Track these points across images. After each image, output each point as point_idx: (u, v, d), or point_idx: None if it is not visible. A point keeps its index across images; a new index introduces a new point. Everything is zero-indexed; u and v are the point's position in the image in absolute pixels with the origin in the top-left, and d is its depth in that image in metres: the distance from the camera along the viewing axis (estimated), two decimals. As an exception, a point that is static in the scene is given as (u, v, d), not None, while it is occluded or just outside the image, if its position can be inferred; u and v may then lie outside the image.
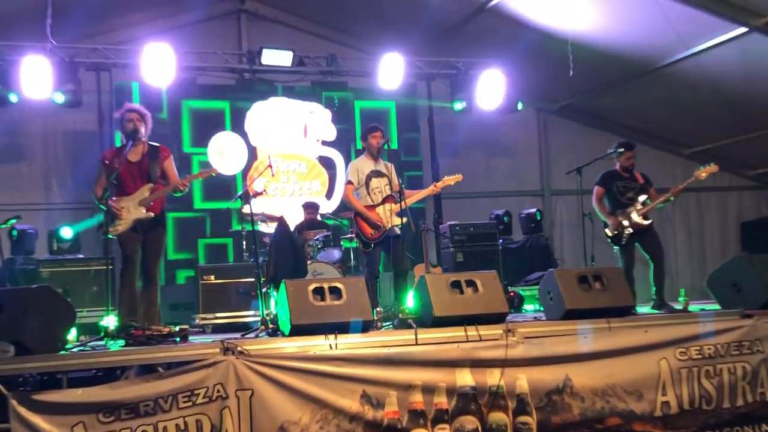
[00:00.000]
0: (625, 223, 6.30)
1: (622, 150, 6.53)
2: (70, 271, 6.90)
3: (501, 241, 8.48)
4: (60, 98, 7.76)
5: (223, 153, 8.79)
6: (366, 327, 4.35)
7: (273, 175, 6.33)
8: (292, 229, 6.74)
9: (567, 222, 10.51)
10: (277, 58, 8.48)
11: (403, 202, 5.69)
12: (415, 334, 4.33)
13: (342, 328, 4.24)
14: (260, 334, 4.81)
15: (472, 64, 9.09)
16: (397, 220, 5.86)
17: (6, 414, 3.57)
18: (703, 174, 6.37)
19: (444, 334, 4.38)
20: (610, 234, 6.37)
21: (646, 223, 6.29)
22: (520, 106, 9.13)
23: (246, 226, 6.91)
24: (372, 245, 5.92)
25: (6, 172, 8.59)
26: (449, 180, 6.27)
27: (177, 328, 4.83)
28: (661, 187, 6.75)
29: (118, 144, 5.53)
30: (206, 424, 3.82)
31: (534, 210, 9.39)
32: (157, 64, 7.78)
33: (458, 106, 9.15)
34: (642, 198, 6.34)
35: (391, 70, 8.50)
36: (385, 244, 5.86)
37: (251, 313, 6.76)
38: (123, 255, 5.27)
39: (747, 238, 10.92)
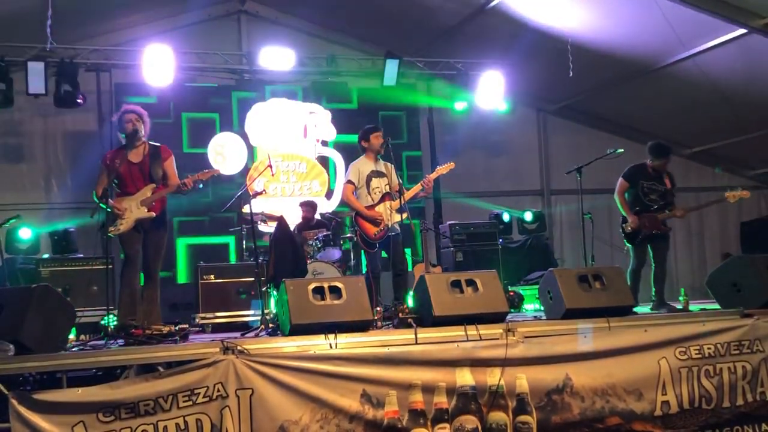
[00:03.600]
0: (647, 224, 6.20)
1: (622, 150, 6.51)
2: (70, 271, 6.90)
3: (501, 240, 8.49)
4: (81, 100, 7.82)
5: (223, 153, 8.80)
6: (366, 326, 4.36)
7: (273, 175, 6.34)
8: (291, 228, 6.74)
9: (567, 222, 10.52)
10: (277, 58, 8.48)
11: (402, 198, 5.70)
12: (415, 334, 4.32)
13: (342, 328, 4.24)
14: (260, 334, 4.81)
15: (472, 65, 9.10)
16: (396, 217, 5.86)
17: (6, 413, 3.57)
18: (733, 198, 6.29)
19: (444, 333, 4.37)
20: (628, 231, 6.26)
21: (664, 228, 6.25)
22: (506, 106, 9.09)
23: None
24: (376, 245, 5.92)
25: (6, 172, 8.60)
26: (442, 169, 6.25)
27: (177, 328, 4.83)
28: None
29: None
30: (206, 424, 3.81)
31: (527, 212, 9.47)
32: (157, 65, 7.80)
33: (460, 106, 9.13)
34: (667, 203, 6.27)
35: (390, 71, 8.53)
36: (386, 243, 5.87)
37: (251, 312, 6.76)
38: (124, 254, 5.28)
39: (747, 238, 10.92)
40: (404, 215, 5.82)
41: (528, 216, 9.54)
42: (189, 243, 8.69)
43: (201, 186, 5.35)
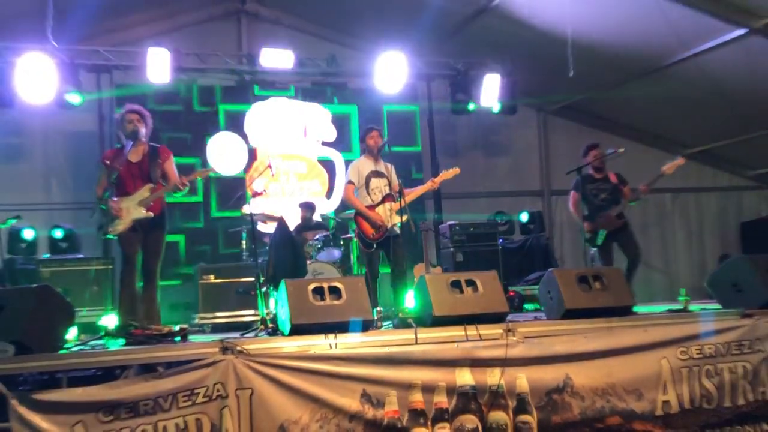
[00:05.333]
0: (601, 222, 6.47)
1: (622, 150, 6.60)
2: (70, 271, 6.91)
3: (501, 241, 8.49)
4: (76, 99, 7.78)
5: (223, 153, 8.79)
6: (366, 326, 4.35)
7: (273, 175, 6.33)
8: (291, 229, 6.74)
9: (567, 222, 10.51)
10: (277, 59, 8.49)
11: (402, 200, 5.70)
12: (415, 334, 4.32)
13: (342, 328, 4.23)
14: (260, 334, 4.81)
15: (472, 65, 9.09)
16: (396, 219, 5.87)
17: (6, 413, 3.57)
18: (670, 169, 6.44)
19: (444, 333, 4.37)
20: (587, 236, 6.54)
21: (620, 222, 6.48)
22: (497, 107, 9.05)
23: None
24: (374, 245, 5.92)
25: (6, 172, 8.59)
26: (447, 174, 6.28)
27: (177, 328, 4.82)
28: (660, 187, 6.79)
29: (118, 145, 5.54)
30: (206, 424, 3.81)
31: (522, 213, 9.49)
32: (157, 65, 7.80)
33: (471, 106, 9.10)
34: (616, 199, 6.57)
35: (391, 70, 8.52)
36: (386, 244, 5.87)
37: (251, 312, 6.76)
38: (123, 255, 5.28)
39: (747, 238, 10.92)
40: (404, 217, 5.83)
41: (524, 217, 9.54)
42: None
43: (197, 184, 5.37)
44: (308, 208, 7.93)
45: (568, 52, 8.06)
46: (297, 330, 4.24)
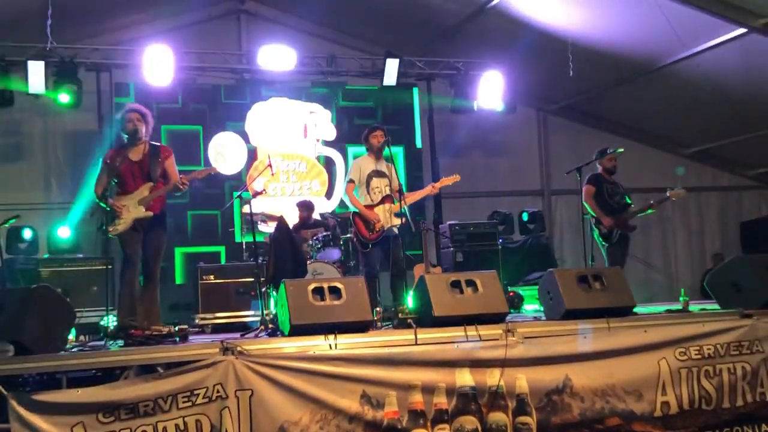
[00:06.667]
0: (617, 222, 6.59)
1: (621, 150, 6.65)
2: (70, 271, 6.90)
3: (501, 240, 8.48)
4: (66, 98, 7.76)
5: (223, 153, 8.79)
6: (366, 327, 4.35)
7: (273, 174, 6.34)
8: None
9: (567, 222, 10.52)
10: (276, 58, 8.48)
11: (402, 202, 5.70)
12: (415, 334, 4.32)
13: (342, 328, 4.23)
14: (260, 334, 4.81)
15: (472, 65, 9.09)
16: (395, 220, 5.87)
17: (6, 414, 3.57)
18: (674, 196, 6.68)
19: (444, 334, 4.37)
20: (604, 231, 6.59)
21: (631, 228, 6.68)
22: (497, 107, 9.05)
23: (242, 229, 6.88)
24: (370, 245, 5.92)
25: (6, 172, 8.59)
26: (447, 180, 6.33)
27: (176, 328, 4.82)
28: (659, 187, 6.82)
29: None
30: (206, 425, 3.80)
31: (523, 212, 9.49)
32: (157, 64, 7.79)
33: (471, 106, 9.08)
34: (630, 203, 6.72)
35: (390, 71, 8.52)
36: (384, 244, 5.86)
37: (251, 313, 6.76)
38: (123, 254, 5.27)
39: (747, 238, 10.92)
40: (402, 219, 5.83)
41: (524, 217, 9.53)
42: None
43: (197, 184, 5.36)
44: (306, 207, 7.93)
45: (568, 52, 8.06)
46: (297, 330, 4.24)
